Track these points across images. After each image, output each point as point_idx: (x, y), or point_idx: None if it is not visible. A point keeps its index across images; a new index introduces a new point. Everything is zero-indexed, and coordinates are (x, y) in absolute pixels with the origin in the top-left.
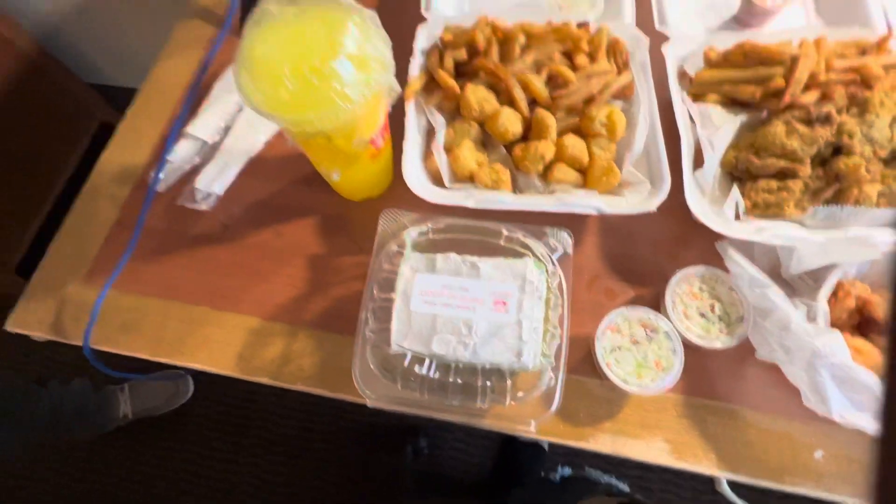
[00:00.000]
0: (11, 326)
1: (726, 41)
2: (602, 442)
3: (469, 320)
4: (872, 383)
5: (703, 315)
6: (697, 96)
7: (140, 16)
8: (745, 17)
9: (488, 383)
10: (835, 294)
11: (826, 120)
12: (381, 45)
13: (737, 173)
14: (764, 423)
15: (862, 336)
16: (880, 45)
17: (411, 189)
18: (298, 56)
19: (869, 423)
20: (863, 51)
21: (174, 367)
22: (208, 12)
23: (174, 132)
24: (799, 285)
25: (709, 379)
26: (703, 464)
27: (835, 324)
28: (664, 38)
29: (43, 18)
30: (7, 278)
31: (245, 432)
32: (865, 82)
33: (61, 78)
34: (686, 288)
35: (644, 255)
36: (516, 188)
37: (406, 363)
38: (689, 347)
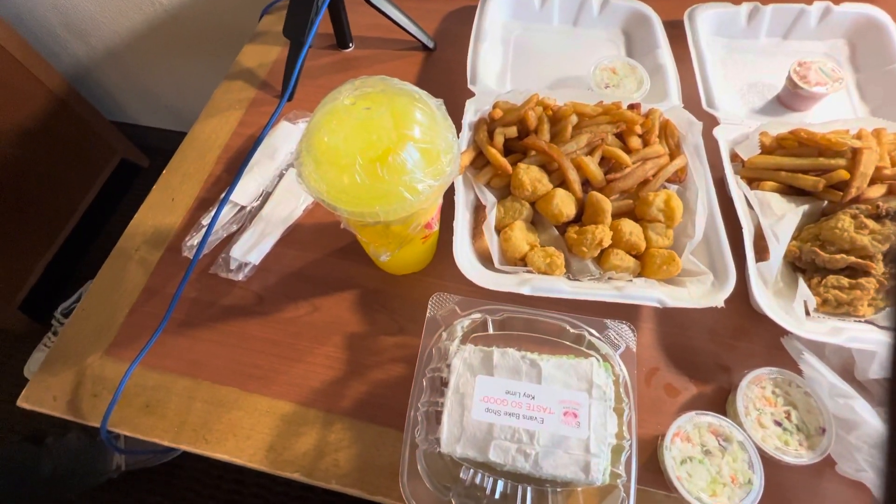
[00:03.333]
0: (24, 403)
1: (779, 126)
2: None
3: (532, 430)
4: None
5: (778, 423)
6: (751, 181)
7: (167, 59)
8: (789, 99)
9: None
10: None
11: (893, 217)
12: (448, 136)
13: (800, 264)
14: None
15: None
16: None
17: (464, 274)
18: (367, 147)
19: None
20: None
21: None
22: (251, 74)
23: (224, 200)
24: (874, 387)
25: (786, 498)
26: None
27: None
28: (711, 119)
29: (76, 60)
30: (11, 314)
31: (241, 491)
32: None
33: (86, 115)
34: (758, 392)
35: (704, 348)
36: (570, 272)
37: (464, 475)
38: (765, 461)
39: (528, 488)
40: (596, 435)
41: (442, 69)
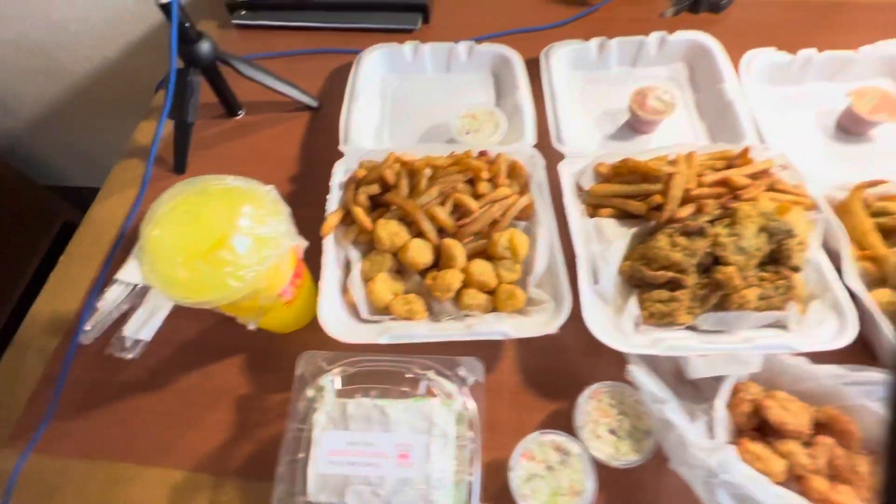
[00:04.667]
0: None
1: (613, 157)
2: None
3: (377, 474)
4: (769, 499)
5: (612, 432)
6: (595, 209)
7: (94, 121)
8: (635, 124)
9: None
10: (733, 398)
11: (700, 233)
12: (275, 221)
13: (633, 282)
14: None
15: (763, 439)
16: (741, 157)
17: (327, 331)
18: (192, 242)
19: None
20: (729, 162)
21: None
22: (146, 150)
23: (101, 278)
24: (705, 385)
25: (630, 495)
26: None
27: (738, 429)
28: (561, 155)
29: (5, 132)
30: None
31: None
32: (733, 193)
33: (19, 184)
34: (595, 405)
35: (560, 367)
36: (432, 315)
37: None
38: (603, 467)
39: None
40: (436, 472)
41: (325, 127)
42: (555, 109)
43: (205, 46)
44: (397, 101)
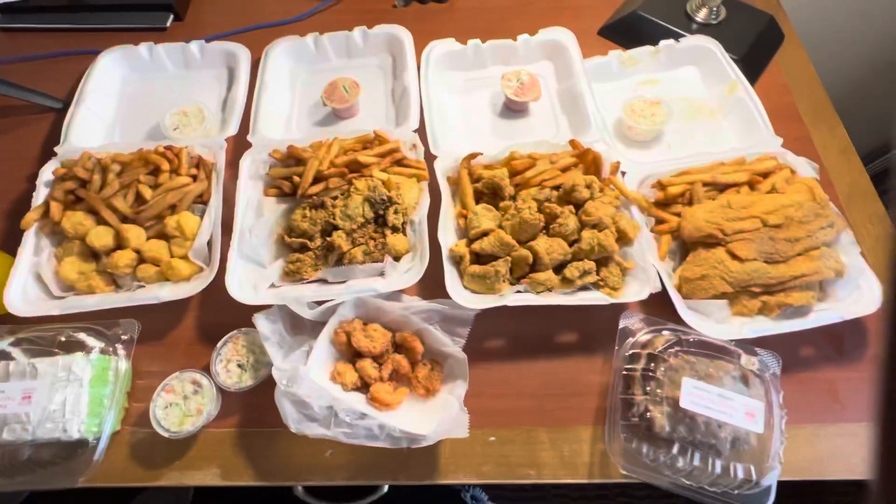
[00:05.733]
0: None
1: (293, 142)
2: (171, 477)
3: (28, 413)
4: (319, 400)
5: (240, 366)
6: (269, 190)
7: None
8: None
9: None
10: (336, 332)
11: (322, 206)
12: None
13: (284, 248)
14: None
15: (351, 362)
16: (377, 139)
17: (6, 307)
18: None
19: (314, 432)
20: (364, 144)
21: None
22: None
23: None
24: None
25: (255, 409)
26: (243, 479)
27: (340, 354)
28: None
29: None
30: None
31: None
32: (358, 170)
33: None
34: (231, 346)
35: (223, 322)
36: (119, 288)
37: None
38: (228, 392)
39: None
40: (69, 408)
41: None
42: (258, 103)
43: None
44: (136, 100)
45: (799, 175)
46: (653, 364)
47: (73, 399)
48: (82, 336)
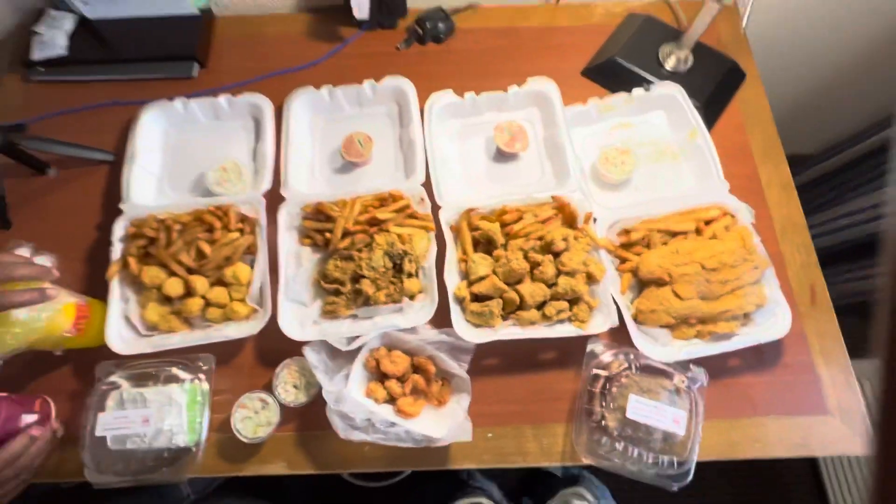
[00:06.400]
0: None
1: (318, 197)
2: (250, 469)
3: (147, 431)
4: (360, 413)
5: (295, 387)
6: (304, 240)
7: None
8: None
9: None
10: (367, 358)
11: (350, 258)
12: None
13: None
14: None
15: (381, 382)
16: (393, 197)
17: (111, 348)
18: None
19: (358, 437)
20: (381, 202)
21: None
22: None
23: None
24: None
25: (303, 421)
26: (303, 468)
27: (371, 377)
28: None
29: None
30: None
31: None
32: (378, 226)
33: None
34: (287, 371)
35: (280, 349)
36: (191, 327)
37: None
38: (288, 408)
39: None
40: (168, 425)
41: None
42: (286, 157)
43: None
44: (177, 152)
45: (738, 220)
46: (608, 384)
47: (176, 419)
48: (175, 370)
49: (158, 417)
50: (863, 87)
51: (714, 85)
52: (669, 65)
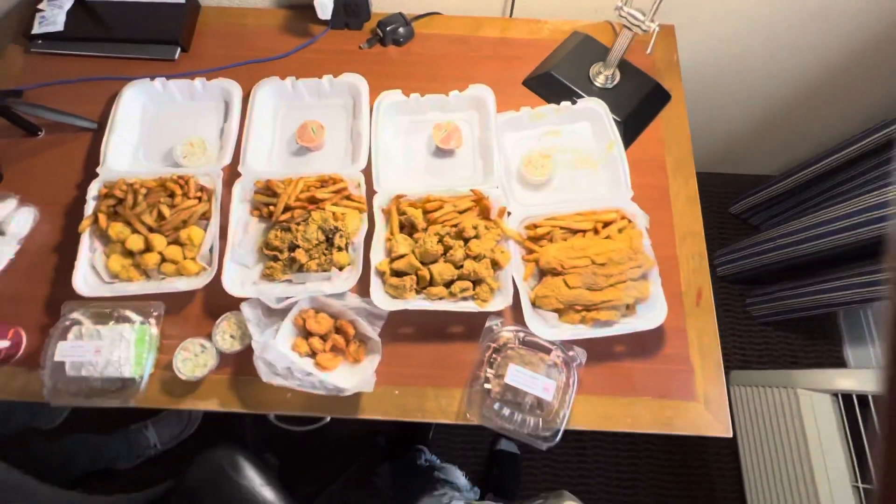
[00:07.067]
0: None
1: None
2: (187, 404)
3: (98, 361)
4: (282, 361)
5: (232, 336)
6: (254, 212)
7: None
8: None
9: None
10: (297, 317)
11: (288, 230)
12: None
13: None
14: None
15: (306, 338)
16: (332, 179)
17: (76, 290)
18: None
19: (278, 382)
20: (321, 182)
21: None
22: None
23: None
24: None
25: (241, 365)
26: (233, 406)
27: (300, 334)
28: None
29: None
30: None
31: None
32: (316, 203)
33: None
34: (226, 323)
35: (221, 304)
36: (148, 278)
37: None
38: (224, 354)
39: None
40: (123, 358)
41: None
42: (247, 138)
43: None
44: (153, 125)
45: (635, 224)
46: (496, 355)
47: (125, 353)
48: (128, 312)
49: (109, 350)
50: (822, 111)
51: (637, 102)
52: (598, 81)
